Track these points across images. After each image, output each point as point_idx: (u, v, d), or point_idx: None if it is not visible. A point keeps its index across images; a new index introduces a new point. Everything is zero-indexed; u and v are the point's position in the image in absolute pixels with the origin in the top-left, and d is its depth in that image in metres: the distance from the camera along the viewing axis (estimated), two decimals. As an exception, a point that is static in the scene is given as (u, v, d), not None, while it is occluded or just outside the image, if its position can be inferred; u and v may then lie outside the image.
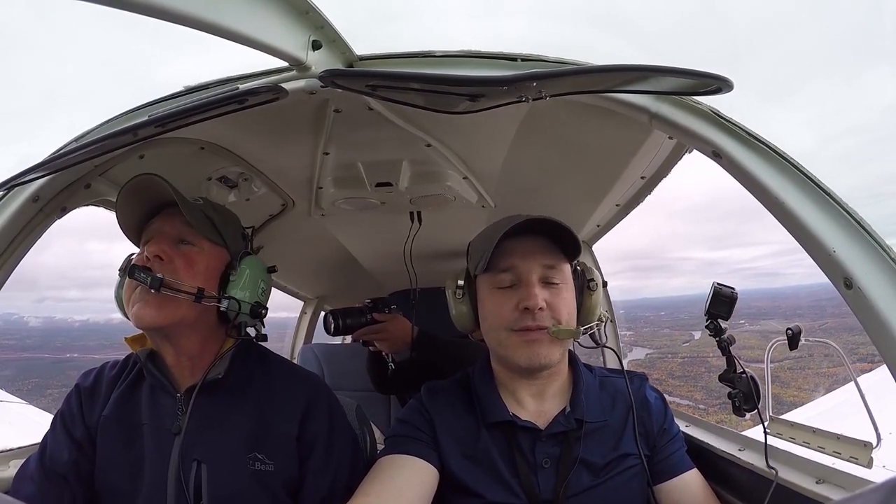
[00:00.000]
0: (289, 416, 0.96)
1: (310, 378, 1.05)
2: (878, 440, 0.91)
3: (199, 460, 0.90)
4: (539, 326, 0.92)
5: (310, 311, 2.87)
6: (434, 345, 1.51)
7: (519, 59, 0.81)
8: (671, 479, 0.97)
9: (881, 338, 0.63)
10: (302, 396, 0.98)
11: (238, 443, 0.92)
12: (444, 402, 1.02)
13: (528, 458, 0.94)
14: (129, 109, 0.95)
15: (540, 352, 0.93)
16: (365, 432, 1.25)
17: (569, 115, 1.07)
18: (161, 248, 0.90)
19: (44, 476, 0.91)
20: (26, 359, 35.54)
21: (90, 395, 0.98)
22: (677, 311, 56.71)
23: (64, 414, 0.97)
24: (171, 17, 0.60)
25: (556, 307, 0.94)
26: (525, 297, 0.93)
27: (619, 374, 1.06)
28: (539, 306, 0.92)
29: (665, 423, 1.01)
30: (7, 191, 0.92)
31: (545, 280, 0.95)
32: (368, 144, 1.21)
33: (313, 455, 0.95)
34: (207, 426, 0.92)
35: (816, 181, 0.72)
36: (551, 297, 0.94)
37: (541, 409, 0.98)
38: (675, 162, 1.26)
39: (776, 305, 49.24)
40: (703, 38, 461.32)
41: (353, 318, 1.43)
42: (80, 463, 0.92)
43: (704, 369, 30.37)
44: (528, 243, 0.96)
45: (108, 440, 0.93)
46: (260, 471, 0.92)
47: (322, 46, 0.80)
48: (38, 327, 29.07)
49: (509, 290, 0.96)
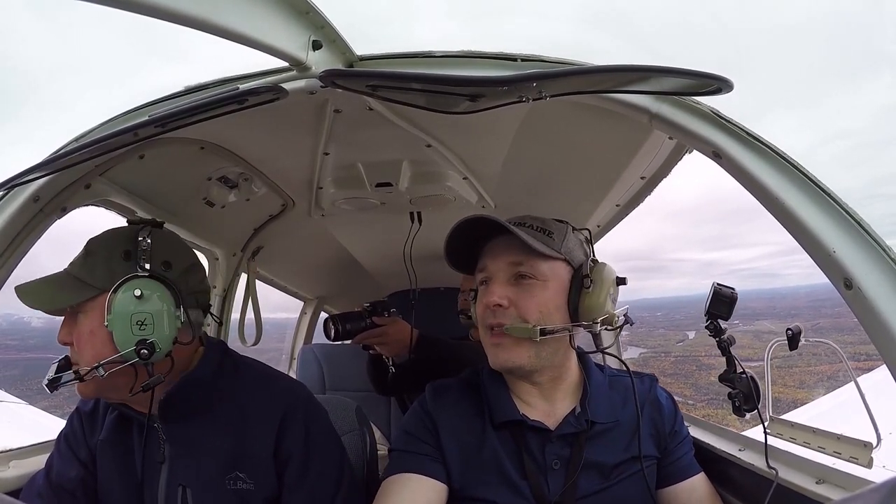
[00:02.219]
0: (264, 432, 0.94)
1: (285, 389, 1.01)
2: (878, 440, 0.91)
3: (183, 485, 0.92)
4: (498, 324, 0.92)
5: (310, 312, 2.87)
6: (435, 347, 1.51)
7: (519, 60, 0.81)
8: (680, 482, 0.97)
9: (881, 338, 0.63)
10: (277, 411, 0.95)
11: (217, 465, 0.92)
12: (449, 403, 1.01)
13: (538, 459, 0.93)
14: (129, 109, 0.94)
15: (500, 355, 0.93)
16: (365, 432, 1.25)
17: (569, 116, 1.07)
18: (62, 339, 0.89)
19: (52, 493, 0.93)
20: (31, 359, 35.73)
21: (90, 418, 0.99)
22: (674, 311, 57.10)
23: (68, 435, 0.99)
24: (171, 17, 0.60)
25: (521, 305, 0.92)
26: (486, 294, 0.95)
27: (630, 375, 1.05)
28: (495, 303, 0.92)
29: (676, 424, 1.01)
30: (7, 191, 0.92)
31: (516, 277, 0.94)
32: (368, 144, 1.21)
33: (287, 471, 0.94)
34: (188, 451, 0.93)
35: (816, 181, 0.71)
36: (518, 294, 0.93)
37: (550, 409, 0.97)
38: (675, 162, 1.26)
39: (772, 306, 49.59)
40: (702, 39, 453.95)
41: (352, 322, 1.43)
42: (87, 480, 0.95)
43: (695, 367, 31.47)
44: (500, 242, 0.97)
45: (106, 464, 0.95)
46: (241, 489, 0.92)
47: (322, 46, 0.80)
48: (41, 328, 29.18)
49: (484, 287, 0.98)
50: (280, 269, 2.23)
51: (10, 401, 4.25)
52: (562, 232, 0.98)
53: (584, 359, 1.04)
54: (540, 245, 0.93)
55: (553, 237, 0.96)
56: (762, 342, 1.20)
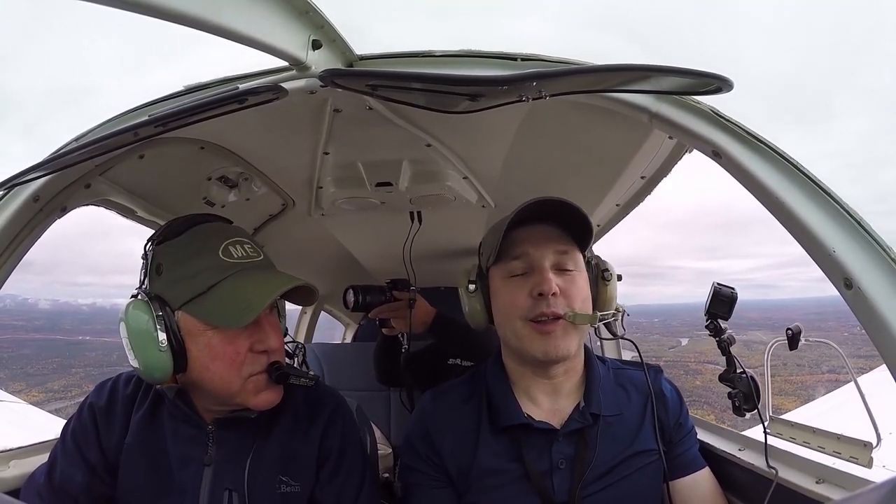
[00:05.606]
0: (311, 437, 0.95)
1: (329, 396, 1.03)
2: (878, 440, 0.91)
3: (230, 489, 0.89)
4: (554, 313, 0.90)
5: (310, 311, 2.87)
6: (452, 327, 1.51)
7: (519, 59, 0.81)
8: (684, 476, 0.97)
9: (881, 338, 0.63)
10: (322, 416, 0.97)
11: (267, 470, 0.91)
12: (447, 408, 1.01)
13: (543, 461, 0.92)
14: (129, 109, 0.94)
15: (556, 343, 0.91)
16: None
17: (568, 115, 1.07)
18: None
19: (52, 494, 0.89)
20: (40, 339, 35.83)
21: (106, 414, 0.93)
22: (671, 318, 57.94)
23: (76, 432, 0.93)
24: (171, 17, 0.60)
25: (570, 294, 0.92)
26: (538, 282, 0.91)
27: (633, 367, 1.05)
28: (553, 291, 0.90)
29: (681, 416, 1.00)
30: (7, 190, 0.92)
31: (558, 266, 0.94)
32: (368, 144, 1.21)
33: (324, 468, 0.95)
34: (236, 456, 0.91)
35: (816, 181, 0.71)
36: (565, 283, 0.92)
37: (556, 407, 0.97)
38: (675, 162, 1.26)
39: (767, 317, 50.56)
40: (703, 39, 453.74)
41: (372, 295, 1.45)
42: (94, 486, 0.90)
43: (682, 372, 33.96)
44: (540, 230, 0.96)
45: (133, 468, 0.90)
46: (287, 493, 0.91)
47: (322, 46, 0.80)
48: (47, 310, 29.45)
49: (522, 278, 0.94)
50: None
51: (10, 400, 4.27)
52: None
53: (587, 351, 1.04)
54: (583, 236, 0.96)
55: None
56: (752, 352, 1.21)
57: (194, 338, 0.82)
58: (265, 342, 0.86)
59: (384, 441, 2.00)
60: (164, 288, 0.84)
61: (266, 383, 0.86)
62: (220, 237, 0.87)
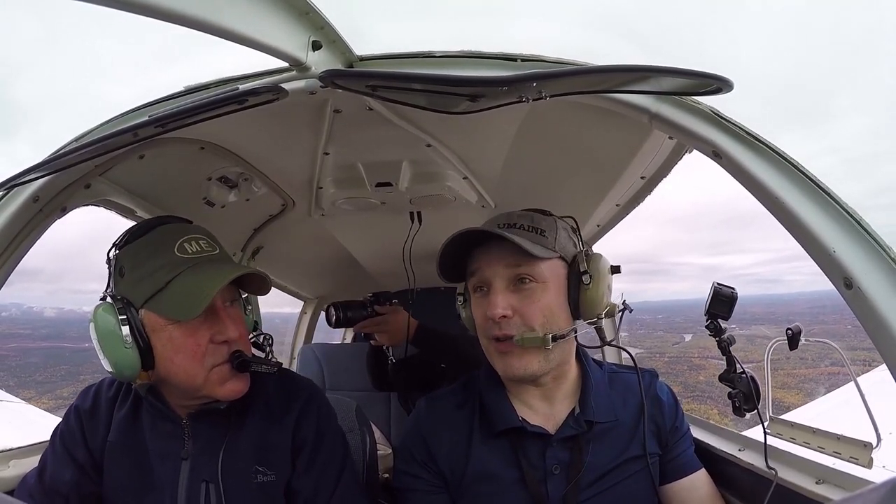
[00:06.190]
0: (285, 427, 0.97)
1: (303, 386, 1.04)
2: (878, 440, 0.90)
3: (207, 481, 0.91)
4: (505, 335, 0.89)
5: (310, 311, 2.87)
6: (435, 338, 1.51)
7: (519, 60, 0.81)
8: (680, 479, 0.97)
9: (881, 338, 0.63)
10: (296, 406, 0.99)
11: (242, 460, 0.93)
12: (441, 414, 1.01)
13: (537, 466, 0.92)
14: (129, 109, 0.94)
15: (512, 363, 0.90)
16: (365, 432, 1.25)
17: (569, 116, 1.07)
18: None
19: (44, 494, 0.91)
20: (47, 347, 35.88)
21: (90, 416, 0.97)
22: (675, 314, 58.06)
23: (64, 434, 0.96)
24: (171, 18, 0.60)
25: (525, 313, 0.89)
26: (488, 305, 0.91)
27: (629, 370, 1.04)
28: (500, 315, 0.88)
29: (676, 420, 1.00)
30: (7, 191, 0.92)
31: (516, 282, 0.91)
32: (368, 144, 1.21)
33: (300, 458, 0.96)
34: (210, 448, 0.93)
35: (816, 181, 0.71)
36: (520, 301, 0.90)
37: (550, 412, 0.96)
38: (675, 162, 1.26)
39: (771, 311, 50.66)
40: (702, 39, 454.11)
41: (354, 311, 1.46)
42: (82, 483, 0.93)
43: (686, 367, 33.99)
44: (494, 246, 0.93)
45: (116, 466, 0.94)
46: (264, 482, 0.93)
47: (322, 47, 0.80)
48: (53, 318, 29.49)
49: (482, 295, 0.94)
50: (280, 269, 2.23)
51: (10, 400, 4.27)
52: (552, 228, 0.96)
53: (583, 355, 1.03)
54: (537, 248, 0.90)
55: (546, 235, 0.93)
56: (755, 346, 1.21)
57: (157, 333, 0.85)
58: (224, 332, 0.88)
59: (384, 441, 2.00)
60: (127, 289, 0.87)
61: (230, 373, 0.89)
62: (176, 235, 0.89)
